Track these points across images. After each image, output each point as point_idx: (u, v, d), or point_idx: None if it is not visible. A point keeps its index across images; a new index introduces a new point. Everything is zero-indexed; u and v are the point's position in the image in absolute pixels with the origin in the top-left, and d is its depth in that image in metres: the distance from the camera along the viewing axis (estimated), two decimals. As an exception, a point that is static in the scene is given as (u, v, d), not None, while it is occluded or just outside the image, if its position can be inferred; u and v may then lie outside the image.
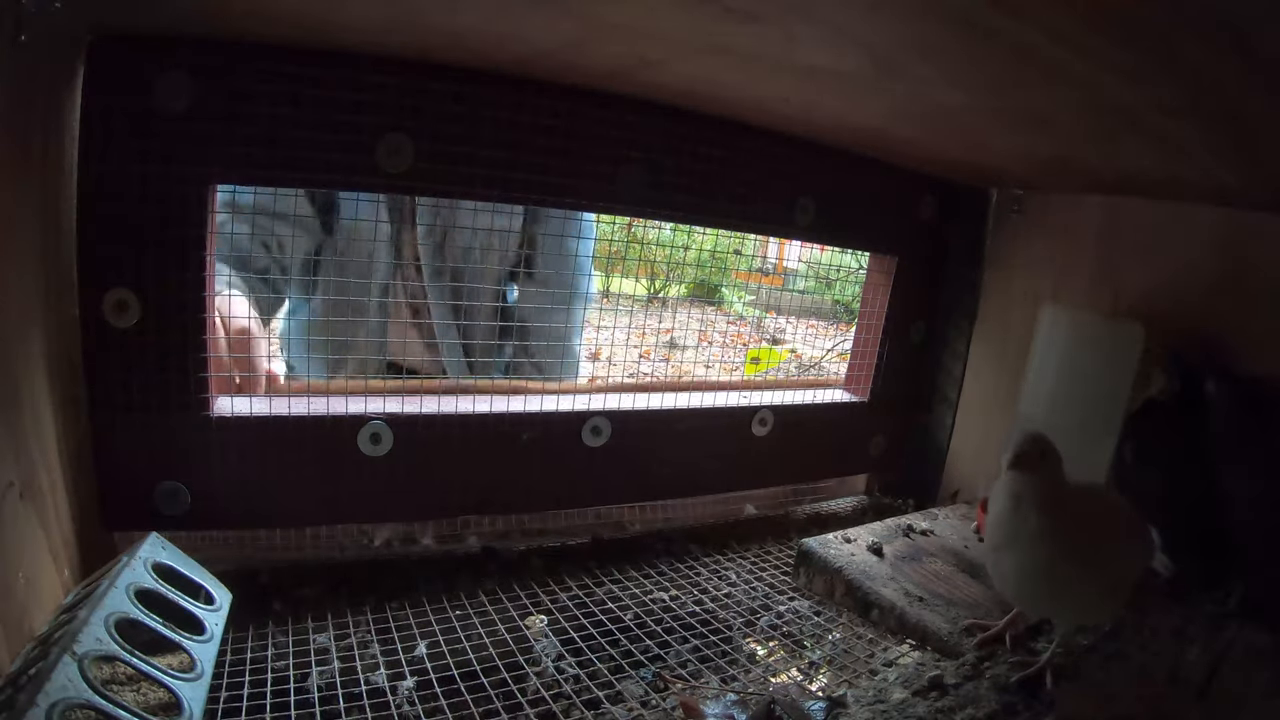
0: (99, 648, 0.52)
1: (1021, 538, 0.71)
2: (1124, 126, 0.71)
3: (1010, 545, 0.72)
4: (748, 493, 1.24)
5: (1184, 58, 0.50)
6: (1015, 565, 0.72)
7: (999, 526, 0.73)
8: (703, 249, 1.28)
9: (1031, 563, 0.71)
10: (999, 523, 0.73)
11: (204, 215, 0.76)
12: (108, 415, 0.76)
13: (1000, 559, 0.74)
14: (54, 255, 0.67)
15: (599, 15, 0.62)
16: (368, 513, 0.93)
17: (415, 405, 0.92)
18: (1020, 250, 1.23)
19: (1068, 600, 0.73)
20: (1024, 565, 0.71)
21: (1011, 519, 0.71)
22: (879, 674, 0.79)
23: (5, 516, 0.55)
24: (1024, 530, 0.70)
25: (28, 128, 0.59)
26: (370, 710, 0.67)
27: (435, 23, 0.69)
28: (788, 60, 0.68)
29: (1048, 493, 0.71)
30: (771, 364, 2.46)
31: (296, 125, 0.77)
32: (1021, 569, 0.72)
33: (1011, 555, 0.72)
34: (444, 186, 0.87)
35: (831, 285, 2.39)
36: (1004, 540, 0.72)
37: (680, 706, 0.70)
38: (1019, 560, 0.71)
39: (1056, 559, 0.70)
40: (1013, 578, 0.73)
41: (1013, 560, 0.72)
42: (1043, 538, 0.70)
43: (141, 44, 0.70)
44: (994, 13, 0.48)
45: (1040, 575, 0.71)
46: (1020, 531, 0.71)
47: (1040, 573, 0.71)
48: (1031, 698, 0.71)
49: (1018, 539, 0.71)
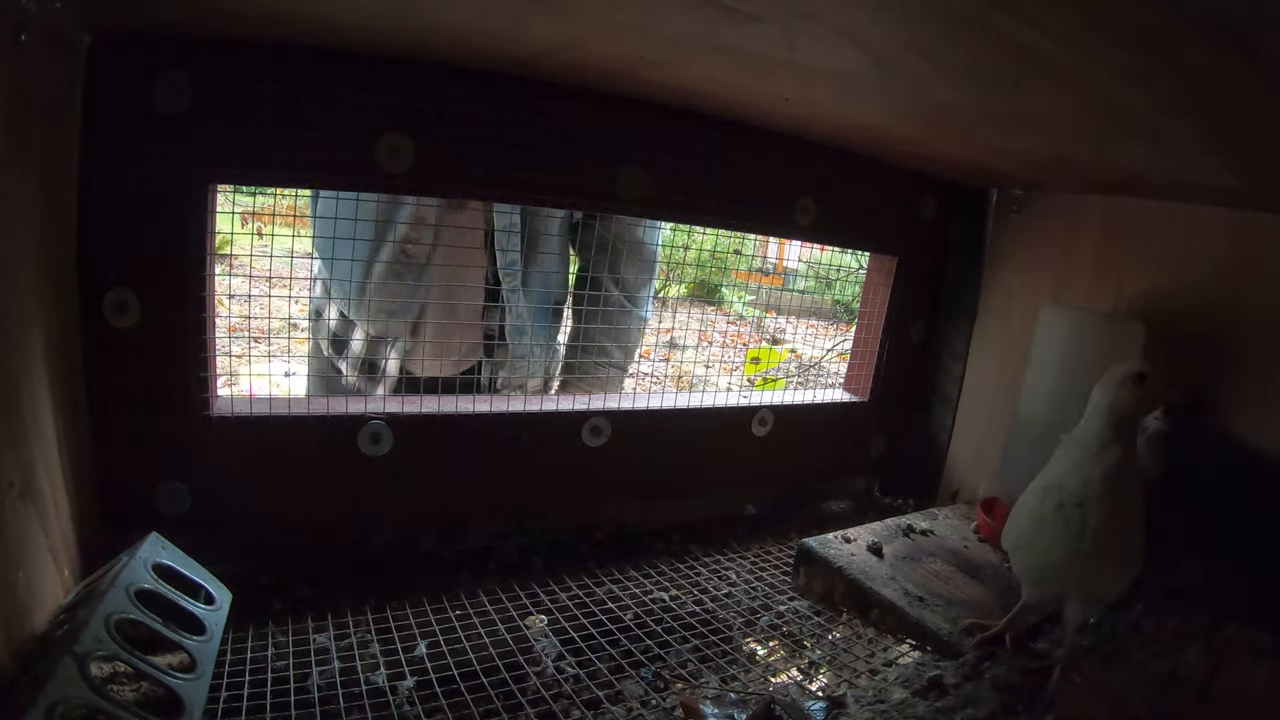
0: (99, 648, 0.52)
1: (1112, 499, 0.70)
2: (1124, 126, 0.71)
3: (1097, 503, 0.70)
4: (748, 493, 1.24)
5: (1184, 58, 0.50)
6: (1099, 523, 0.70)
7: (1083, 486, 0.71)
8: (703, 249, 1.28)
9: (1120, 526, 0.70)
10: (1082, 482, 0.71)
11: (204, 215, 0.76)
12: (108, 415, 0.76)
13: (1074, 516, 0.71)
14: (54, 255, 0.67)
15: (600, 15, 0.62)
16: (368, 513, 0.93)
17: (415, 405, 0.92)
18: (1020, 250, 1.23)
19: (1130, 568, 0.73)
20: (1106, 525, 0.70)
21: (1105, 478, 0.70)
22: (879, 674, 0.79)
23: (5, 516, 0.55)
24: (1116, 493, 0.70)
25: (28, 127, 0.59)
26: (370, 710, 0.67)
27: (436, 22, 0.69)
28: (788, 60, 0.68)
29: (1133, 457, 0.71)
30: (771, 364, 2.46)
31: (297, 125, 0.77)
32: (1103, 528, 0.70)
33: (1096, 512, 0.70)
34: (444, 186, 0.87)
35: (831, 285, 2.39)
36: (1089, 498, 0.70)
37: (680, 706, 0.71)
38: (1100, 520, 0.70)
39: (1136, 525, 0.70)
40: (1093, 535, 0.71)
41: (1097, 518, 0.70)
42: (1133, 503, 0.70)
43: (141, 44, 0.70)
44: (994, 13, 0.48)
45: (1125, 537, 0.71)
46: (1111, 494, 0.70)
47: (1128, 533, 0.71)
48: (1032, 697, 0.71)
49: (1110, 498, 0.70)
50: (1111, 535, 0.71)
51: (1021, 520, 0.78)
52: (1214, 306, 0.98)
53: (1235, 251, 0.96)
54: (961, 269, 1.32)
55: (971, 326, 1.31)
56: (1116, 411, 0.71)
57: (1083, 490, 0.71)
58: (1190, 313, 1.00)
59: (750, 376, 2.34)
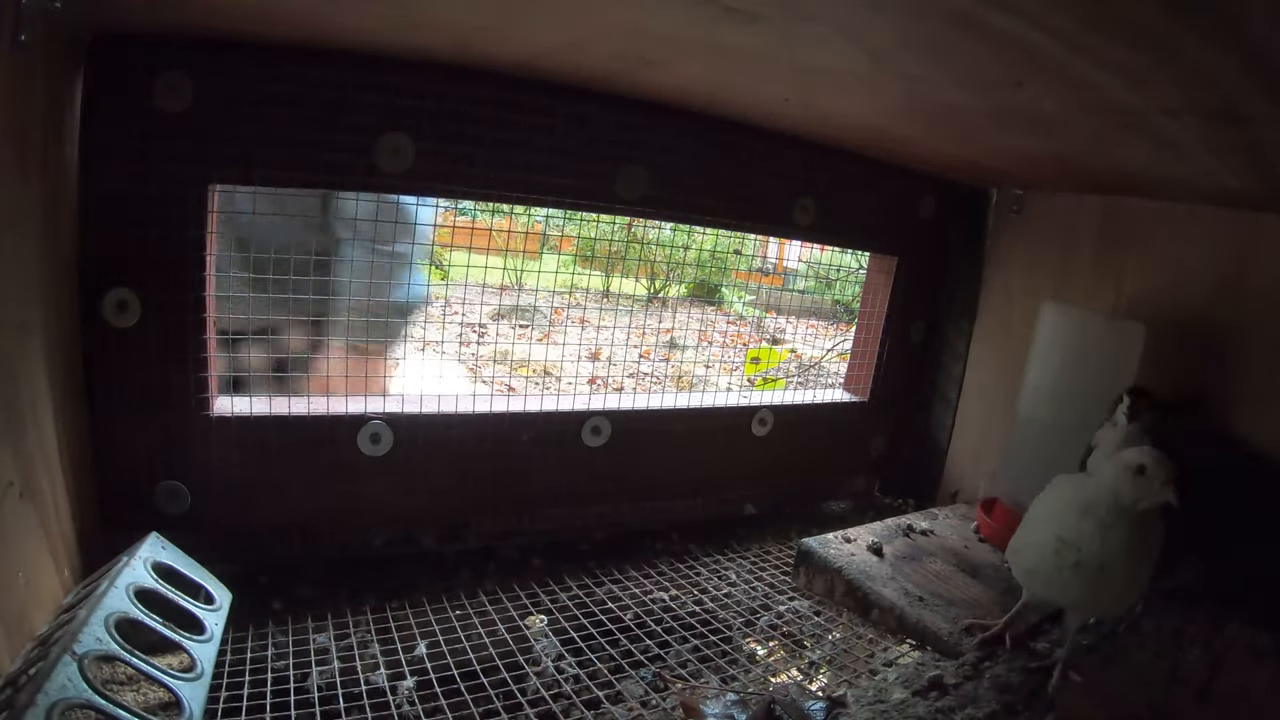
0: (99, 648, 0.52)
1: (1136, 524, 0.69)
2: (1124, 126, 0.71)
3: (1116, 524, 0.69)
4: (748, 493, 1.23)
5: (1184, 58, 0.50)
6: (1124, 543, 0.69)
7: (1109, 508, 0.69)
8: (703, 249, 1.28)
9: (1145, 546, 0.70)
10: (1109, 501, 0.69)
11: (204, 215, 0.76)
12: (108, 415, 0.76)
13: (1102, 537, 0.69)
14: (54, 255, 0.67)
15: (599, 15, 0.62)
16: (368, 513, 0.93)
17: (415, 405, 0.92)
18: (1020, 250, 1.23)
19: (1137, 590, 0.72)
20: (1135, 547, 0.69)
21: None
22: (879, 674, 0.79)
23: (5, 516, 0.55)
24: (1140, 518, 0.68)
25: (28, 128, 0.59)
26: (370, 710, 0.67)
27: (436, 23, 0.69)
28: (788, 60, 0.68)
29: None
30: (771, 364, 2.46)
31: (296, 125, 0.77)
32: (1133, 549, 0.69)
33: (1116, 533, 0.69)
34: (444, 186, 0.87)
35: (831, 285, 2.39)
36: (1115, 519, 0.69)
37: (680, 706, 0.70)
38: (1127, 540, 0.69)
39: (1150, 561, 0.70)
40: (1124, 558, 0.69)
41: (1120, 538, 0.69)
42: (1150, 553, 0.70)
43: (141, 44, 0.70)
44: (994, 13, 0.48)
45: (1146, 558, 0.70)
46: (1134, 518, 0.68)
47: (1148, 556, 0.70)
48: (1032, 697, 0.71)
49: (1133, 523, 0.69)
50: (1129, 586, 0.71)
51: (1032, 559, 0.75)
52: (1214, 306, 0.98)
53: (1235, 251, 0.96)
54: (961, 269, 1.31)
55: (971, 326, 1.31)
56: (1122, 500, 0.69)
57: (1101, 554, 0.69)
58: (1190, 313, 1.00)
59: (750, 376, 2.34)
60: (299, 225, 0.99)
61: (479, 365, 2.73)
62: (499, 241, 1.93)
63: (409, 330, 1.35)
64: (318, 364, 1.06)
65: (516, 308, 3.20)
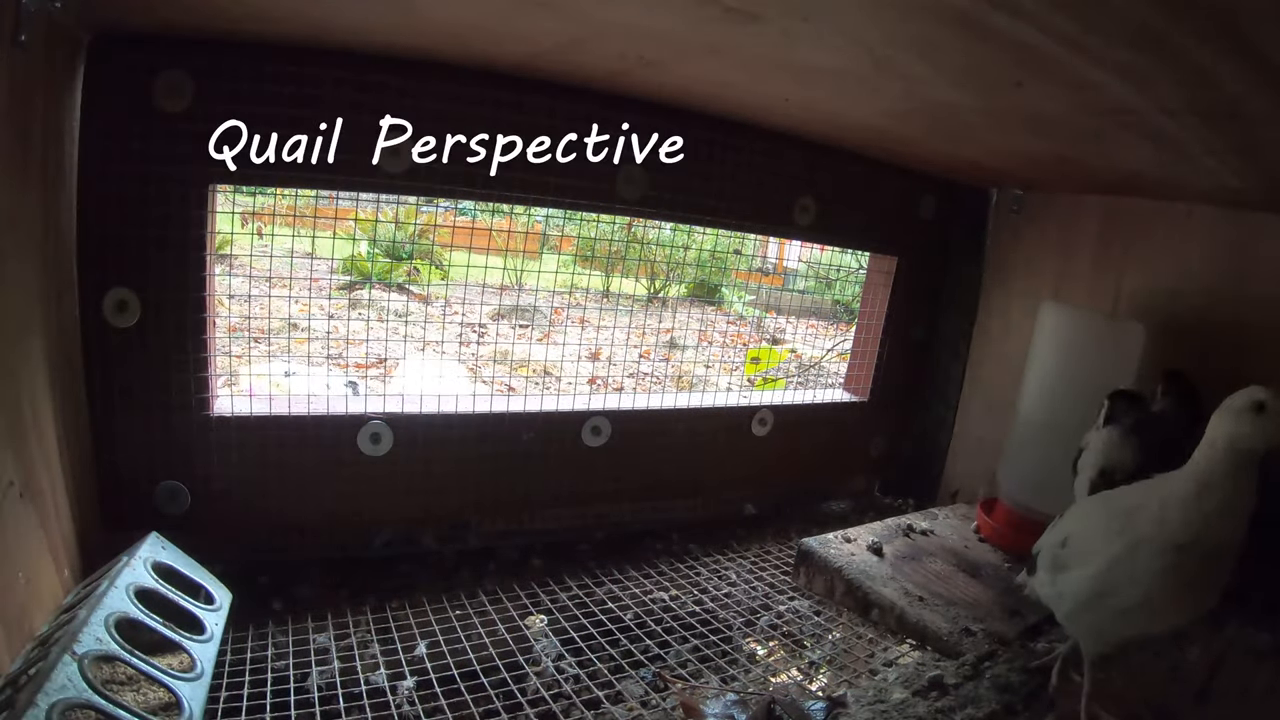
0: (99, 648, 0.52)
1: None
2: (1124, 126, 0.71)
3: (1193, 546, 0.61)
4: (748, 493, 1.24)
5: (1184, 58, 0.50)
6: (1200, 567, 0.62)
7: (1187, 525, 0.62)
8: (703, 249, 1.28)
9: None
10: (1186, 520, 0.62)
11: (204, 215, 0.76)
12: (108, 415, 0.76)
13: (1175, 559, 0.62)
14: (54, 255, 0.67)
15: (599, 15, 0.62)
16: (368, 513, 0.93)
17: (415, 405, 0.92)
18: (1020, 250, 1.23)
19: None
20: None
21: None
22: (879, 674, 0.79)
23: (5, 516, 0.55)
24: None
25: (28, 128, 0.59)
26: (370, 710, 0.67)
27: (437, 23, 0.69)
28: (788, 60, 0.68)
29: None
30: (771, 364, 2.46)
31: (296, 125, 0.77)
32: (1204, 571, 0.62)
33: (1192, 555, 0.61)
34: (444, 187, 0.87)
35: (831, 285, 2.39)
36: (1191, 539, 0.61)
37: (680, 706, 0.70)
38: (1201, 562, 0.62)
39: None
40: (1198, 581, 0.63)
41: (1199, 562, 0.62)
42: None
43: (141, 44, 0.70)
44: (994, 13, 0.48)
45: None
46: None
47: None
48: (1032, 697, 0.71)
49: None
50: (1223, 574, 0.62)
51: (1138, 592, 0.63)
52: (1213, 306, 0.98)
53: (1235, 251, 0.96)
54: (961, 269, 1.31)
55: (971, 326, 1.31)
56: (1237, 446, 0.61)
57: (1207, 536, 0.61)
58: (1190, 312, 1.00)
59: (750, 376, 2.34)
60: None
61: (479, 365, 2.73)
62: (499, 241, 1.93)
63: None
64: None
65: (516, 308, 3.19)
